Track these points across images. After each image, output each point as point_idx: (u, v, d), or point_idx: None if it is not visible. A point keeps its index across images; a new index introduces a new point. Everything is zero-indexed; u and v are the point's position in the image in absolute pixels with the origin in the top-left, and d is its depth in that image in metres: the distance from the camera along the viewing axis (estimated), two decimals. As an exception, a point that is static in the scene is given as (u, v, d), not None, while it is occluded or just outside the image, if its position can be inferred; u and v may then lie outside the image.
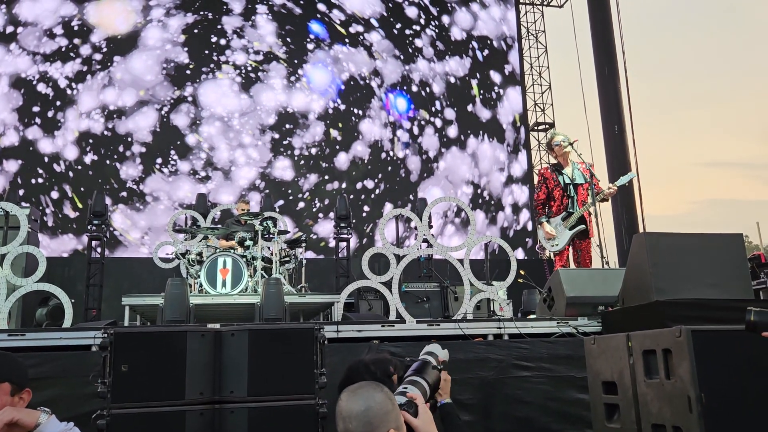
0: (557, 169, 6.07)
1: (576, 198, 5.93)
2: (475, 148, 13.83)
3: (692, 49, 79.45)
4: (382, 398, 1.56)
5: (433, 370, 1.84)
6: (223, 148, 12.16)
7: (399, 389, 1.79)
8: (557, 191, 5.99)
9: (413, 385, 1.78)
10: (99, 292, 8.74)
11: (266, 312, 5.30)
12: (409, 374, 1.83)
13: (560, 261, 5.94)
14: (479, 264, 8.53)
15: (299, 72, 12.85)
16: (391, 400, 1.59)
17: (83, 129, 11.63)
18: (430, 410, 1.74)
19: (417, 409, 1.69)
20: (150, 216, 11.59)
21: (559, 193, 5.99)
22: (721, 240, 4.15)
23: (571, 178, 5.98)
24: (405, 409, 1.66)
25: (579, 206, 5.89)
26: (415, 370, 1.84)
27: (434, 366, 1.90)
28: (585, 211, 5.82)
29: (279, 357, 2.43)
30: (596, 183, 5.89)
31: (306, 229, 11.89)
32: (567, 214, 5.91)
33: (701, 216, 69.95)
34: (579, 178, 5.99)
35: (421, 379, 1.79)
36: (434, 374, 1.84)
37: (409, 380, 1.80)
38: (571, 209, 5.91)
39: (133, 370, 2.26)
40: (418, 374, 1.82)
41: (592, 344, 3.16)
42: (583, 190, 5.96)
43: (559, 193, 5.99)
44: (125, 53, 12.02)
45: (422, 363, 1.86)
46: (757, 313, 1.86)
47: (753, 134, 78.41)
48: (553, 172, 6.07)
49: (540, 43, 15.35)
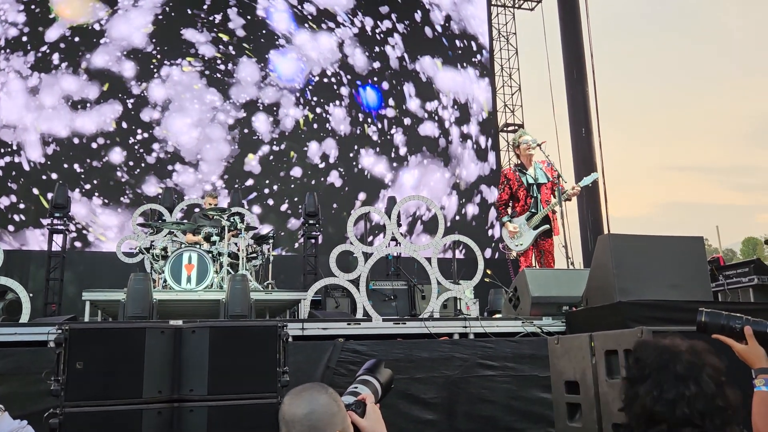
0: (520, 170, 6.12)
1: (540, 198, 5.99)
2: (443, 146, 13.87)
3: (658, 55, 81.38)
4: (327, 400, 1.52)
5: (386, 369, 1.80)
6: (189, 141, 11.96)
7: (350, 389, 1.75)
8: (521, 191, 6.03)
9: (364, 384, 1.75)
10: (60, 286, 8.52)
11: (231, 309, 5.23)
12: (361, 373, 1.79)
13: (525, 261, 5.99)
14: (447, 263, 8.56)
15: (267, 64, 12.68)
16: (336, 401, 1.54)
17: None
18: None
19: (365, 408, 1.65)
20: (113, 211, 11.34)
21: (523, 193, 6.03)
22: (682, 242, 4.24)
23: (534, 178, 6.04)
24: (353, 409, 1.62)
25: (543, 206, 5.94)
26: (368, 369, 1.80)
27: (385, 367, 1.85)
28: (549, 211, 5.88)
29: (241, 355, 2.39)
30: (560, 183, 5.94)
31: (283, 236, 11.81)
32: (531, 214, 5.96)
33: (663, 218, 71.64)
34: (542, 177, 6.05)
35: (373, 378, 1.76)
36: (387, 373, 1.80)
37: (361, 379, 1.76)
38: (534, 209, 5.96)
39: (88, 367, 2.20)
40: (371, 373, 1.78)
41: (555, 344, 3.19)
42: (547, 189, 6.02)
43: (522, 194, 6.03)
44: (90, 45, 11.74)
45: (375, 362, 1.82)
46: (708, 314, 1.89)
47: (715, 139, 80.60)
48: (516, 173, 6.11)
49: (511, 45, 15.48)
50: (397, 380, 3.84)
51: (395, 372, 3.86)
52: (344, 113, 13.15)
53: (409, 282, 7.65)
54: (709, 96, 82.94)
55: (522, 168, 6.14)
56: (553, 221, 5.95)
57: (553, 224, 5.95)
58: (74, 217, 10.52)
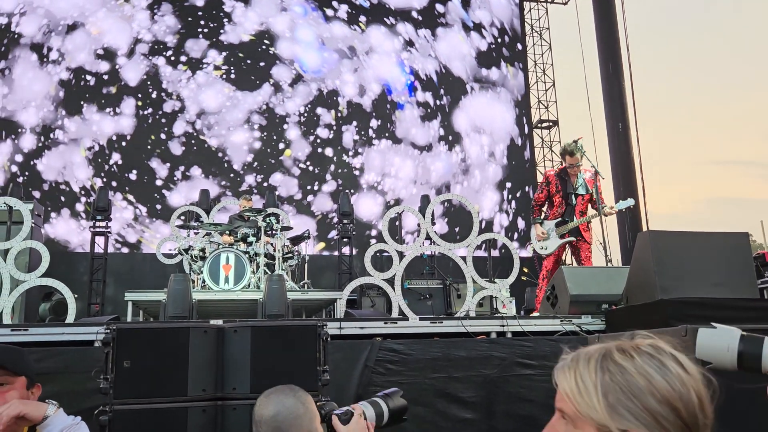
0: (562, 176, 6.06)
1: (575, 208, 5.93)
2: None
3: (697, 46, 79.21)
4: (293, 403, 1.60)
5: (400, 399, 1.83)
6: (218, 141, 12.12)
7: (360, 402, 1.81)
8: (557, 197, 6.00)
9: (371, 404, 1.79)
10: (102, 287, 8.75)
11: (269, 308, 5.29)
12: (378, 395, 1.84)
13: (548, 263, 5.97)
14: (482, 261, 8.52)
15: (293, 60, 12.76)
16: (305, 404, 1.61)
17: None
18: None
19: (350, 418, 1.69)
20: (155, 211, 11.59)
21: (559, 199, 5.99)
22: (725, 239, 4.13)
23: (573, 188, 5.98)
24: (338, 416, 1.67)
25: (576, 216, 5.90)
26: (383, 393, 1.85)
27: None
28: (582, 223, 5.84)
29: (281, 354, 2.43)
30: (598, 179, 5.87)
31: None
32: (562, 221, 5.92)
33: (705, 215, 69.84)
34: (582, 188, 5.98)
35: (382, 402, 1.80)
36: (400, 402, 1.83)
37: (371, 400, 1.81)
38: (567, 217, 5.92)
39: (135, 365, 2.25)
40: (384, 397, 1.82)
41: (595, 342, 3.14)
42: (583, 201, 5.96)
43: (558, 200, 5.99)
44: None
45: (394, 390, 1.87)
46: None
47: (757, 132, 78.17)
48: (558, 177, 6.05)
49: (544, 40, 15.30)
50: (435, 379, 3.86)
51: (433, 371, 3.88)
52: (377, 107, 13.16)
53: (444, 281, 7.64)
54: (751, 89, 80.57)
55: (564, 174, 6.07)
56: (586, 231, 5.89)
57: (585, 233, 5.88)
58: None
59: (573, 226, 5.86)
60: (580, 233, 5.88)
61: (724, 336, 1.33)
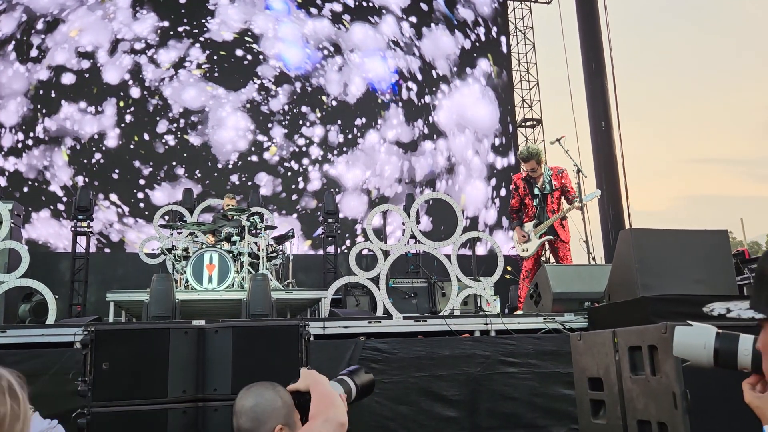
0: (528, 179, 6.15)
1: (545, 207, 6.00)
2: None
3: (680, 46, 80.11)
4: (271, 396, 1.70)
5: (366, 374, 1.83)
6: (200, 140, 12.04)
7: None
8: (527, 199, 6.12)
9: (339, 383, 1.79)
10: (84, 288, 8.65)
11: (253, 308, 5.27)
12: (341, 373, 1.84)
13: (528, 263, 6.03)
14: (467, 259, 8.53)
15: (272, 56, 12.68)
16: (282, 398, 1.69)
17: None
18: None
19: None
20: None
21: (530, 201, 6.09)
22: (706, 236, 4.18)
23: (540, 189, 6.05)
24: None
25: (549, 215, 5.96)
26: (348, 372, 1.84)
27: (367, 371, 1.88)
28: (556, 220, 5.89)
29: (263, 354, 2.41)
30: (571, 189, 5.93)
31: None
32: (538, 222, 6.00)
33: (686, 212, 70.63)
34: (548, 186, 6.05)
35: (349, 379, 1.79)
36: (366, 378, 1.83)
37: (337, 378, 1.81)
38: (541, 218, 5.99)
39: (114, 367, 2.23)
40: (349, 375, 1.82)
41: (578, 340, 3.16)
42: (553, 198, 6.02)
43: (529, 202, 6.10)
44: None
45: (357, 367, 1.87)
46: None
47: (738, 131, 79.25)
48: (525, 181, 6.16)
49: (528, 39, 15.35)
50: (419, 378, 3.86)
51: (417, 370, 3.88)
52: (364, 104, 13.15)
53: (428, 279, 7.65)
54: (731, 88, 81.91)
55: (531, 176, 6.13)
56: (561, 229, 5.93)
57: (561, 231, 5.92)
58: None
59: (549, 224, 5.92)
60: (556, 233, 5.94)
61: (700, 334, 1.34)
